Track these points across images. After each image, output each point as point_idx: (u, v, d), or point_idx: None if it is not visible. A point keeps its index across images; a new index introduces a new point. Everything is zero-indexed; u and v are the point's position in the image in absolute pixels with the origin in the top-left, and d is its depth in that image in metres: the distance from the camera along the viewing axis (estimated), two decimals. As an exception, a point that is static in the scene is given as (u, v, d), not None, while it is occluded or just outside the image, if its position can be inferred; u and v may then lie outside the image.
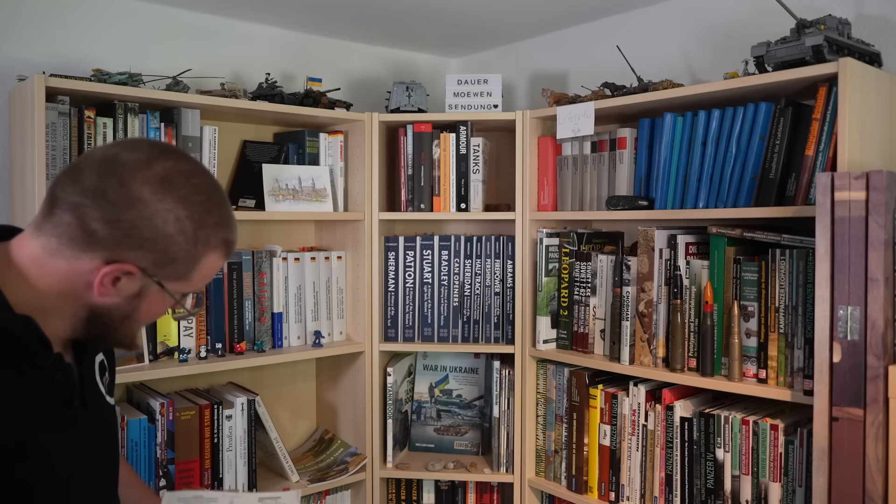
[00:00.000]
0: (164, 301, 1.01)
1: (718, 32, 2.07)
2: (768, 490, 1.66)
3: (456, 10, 2.27)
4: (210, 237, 0.97)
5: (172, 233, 0.93)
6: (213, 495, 1.16)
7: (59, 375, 0.97)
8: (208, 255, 0.99)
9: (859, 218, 1.39)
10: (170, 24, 2.22)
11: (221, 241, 1.00)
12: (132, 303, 0.98)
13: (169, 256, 0.94)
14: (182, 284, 0.99)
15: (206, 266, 1.00)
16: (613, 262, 1.99)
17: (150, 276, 0.95)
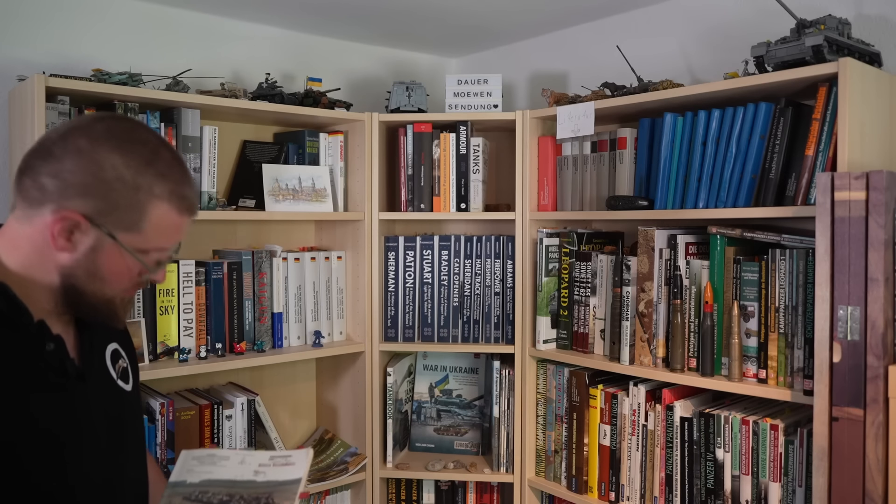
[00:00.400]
0: (123, 259, 1.02)
1: (718, 32, 2.07)
2: (768, 490, 1.66)
3: (456, 10, 2.27)
4: (153, 186, 1.00)
5: (109, 178, 0.97)
6: (225, 453, 1.19)
7: (51, 346, 1.00)
8: (154, 204, 1.00)
9: (859, 218, 1.39)
10: (170, 24, 2.22)
11: (168, 192, 1.01)
12: (91, 259, 1.00)
13: (111, 203, 0.98)
14: (134, 237, 1.01)
15: (155, 218, 1.01)
16: (613, 262, 1.99)
17: (97, 225, 0.98)
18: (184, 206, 1.05)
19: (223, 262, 2.08)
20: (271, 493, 1.11)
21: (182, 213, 1.05)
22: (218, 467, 1.17)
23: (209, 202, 2.04)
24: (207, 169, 2.03)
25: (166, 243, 1.05)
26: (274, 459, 1.16)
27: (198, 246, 2.22)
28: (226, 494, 1.12)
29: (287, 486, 1.12)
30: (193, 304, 2.01)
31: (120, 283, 1.04)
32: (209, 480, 1.15)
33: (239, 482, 1.14)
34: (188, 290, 2.00)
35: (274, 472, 1.15)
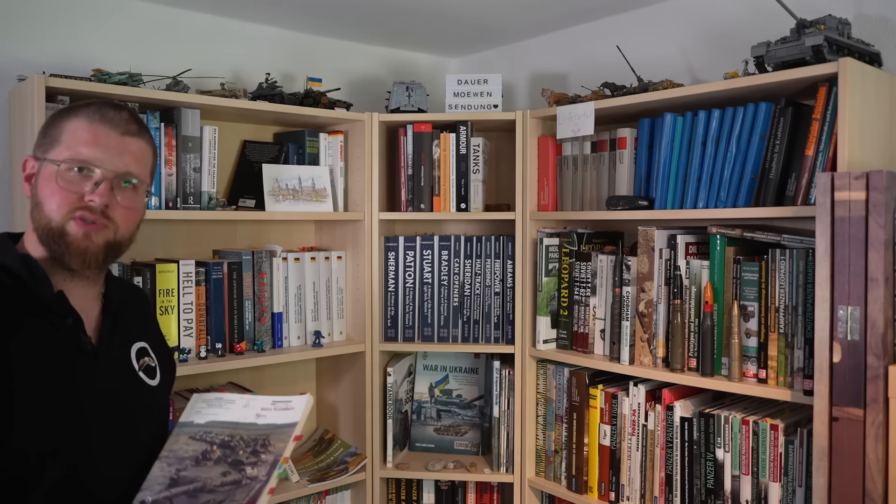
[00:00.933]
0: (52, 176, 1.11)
1: (718, 32, 2.07)
2: (768, 490, 1.66)
3: (456, 10, 2.27)
4: (71, 111, 1.14)
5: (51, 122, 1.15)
6: (231, 397, 1.26)
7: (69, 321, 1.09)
8: (69, 120, 1.13)
9: (859, 218, 1.39)
10: (170, 24, 2.22)
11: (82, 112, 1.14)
12: (35, 188, 1.13)
13: (43, 134, 1.15)
14: (55, 150, 1.12)
15: (69, 127, 1.13)
16: (613, 262, 1.99)
17: (37, 158, 1.14)
18: (96, 117, 1.14)
19: (223, 262, 2.08)
20: (268, 434, 1.17)
21: (93, 121, 1.13)
22: (223, 409, 1.24)
23: (209, 202, 2.04)
24: (207, 169, 2.03)
25: (84, 151, 1.11)
26: (275, 404, 1.22)
27: (198, 246, 2.22)
28: (227, 435, 1.19)
29: (283, 429, 1.17)
30: (193, 304, 2.01)
31: (55, 203, 1.10)
32: (214, 422, 1.22)
33: (241, 424, 1.20)
34: (188, 290, 2.00)
35: (274, 415, 1.20)
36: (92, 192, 1.10)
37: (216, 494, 1.10)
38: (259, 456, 1.15)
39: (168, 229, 2.17)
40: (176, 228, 2.18)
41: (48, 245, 1.11)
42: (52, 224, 1.10)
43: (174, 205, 1.96)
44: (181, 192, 1.98)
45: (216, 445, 1.18)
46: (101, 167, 1.11)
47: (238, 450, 1.16)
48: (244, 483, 1.11)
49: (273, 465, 1.13)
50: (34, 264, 1.08)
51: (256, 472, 1.12)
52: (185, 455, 1.18)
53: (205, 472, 1.14)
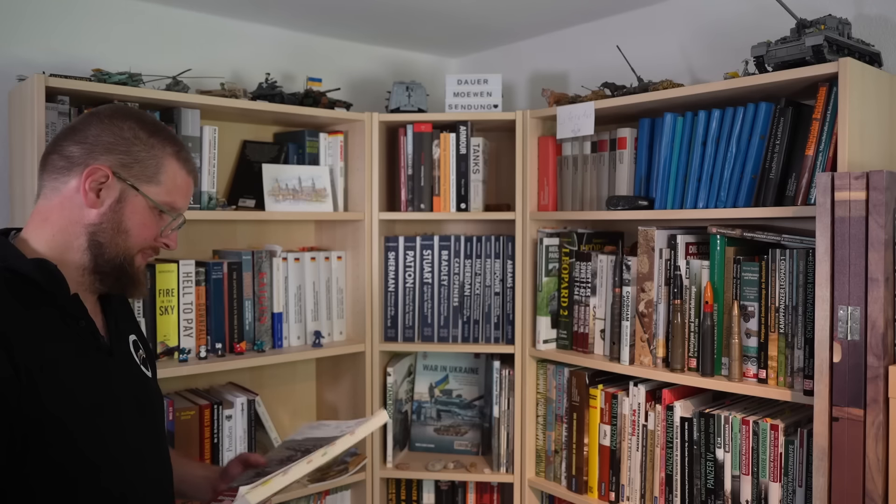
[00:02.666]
0: (145, 211, 1.14)
1: (718, 32, 2.07)
2: (768, 490, 1.66)
3: (456, 10, 2.27)
4: (165, 145, 1.16)
5: (129, 137, 1.13)
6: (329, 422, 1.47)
7: (83, 322, 1.10)
8: (168, 160, 1.16)
9: (859, 218, 1.39)
10: (170, 24, 2.22)
11: (177, 152, 1.17)
12: (117, 212, 1.12)
13: (132, 157, 1.13)
14: (154, 189, 1.14)
15: (170, 172, 1.16)
16: (613, 262, 1.99)
17: (122, 178, 1.11)
18: (189, 167, 1.20)
19: (223, 262, 2.08)
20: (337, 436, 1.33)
21: (189, 173, 1.20)
22: (320, 430, 1.42)
23: (209, 202, 2.04)
24: (207, 169, 2.03)
25: (179, 201, 1.19)
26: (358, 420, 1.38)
27: (198, 246, 2.22)
28: (311, 445, 1.33)
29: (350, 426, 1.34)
30: (193, 304, 2.01)
31: (142, 237, 1.15)
32: (308, 437, 1.41)
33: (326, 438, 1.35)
34: (188, 290, 2.00)
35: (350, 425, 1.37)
36: (169, 236, 1.20)
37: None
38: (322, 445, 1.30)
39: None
40: (176, 228, 2.18)
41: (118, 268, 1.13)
42: (131, 254, 1.14)
43: (174, 205, 1.96)
44: (181, 192, 1.98)
45: (300, 453, 1.32)
46: (183, 216, 1.21)
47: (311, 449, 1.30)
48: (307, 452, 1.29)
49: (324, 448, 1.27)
50: (52, 268, 1.08)
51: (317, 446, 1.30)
52: (277, 458, 1.36)
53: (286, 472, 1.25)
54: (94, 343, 1.11)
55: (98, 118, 1.13)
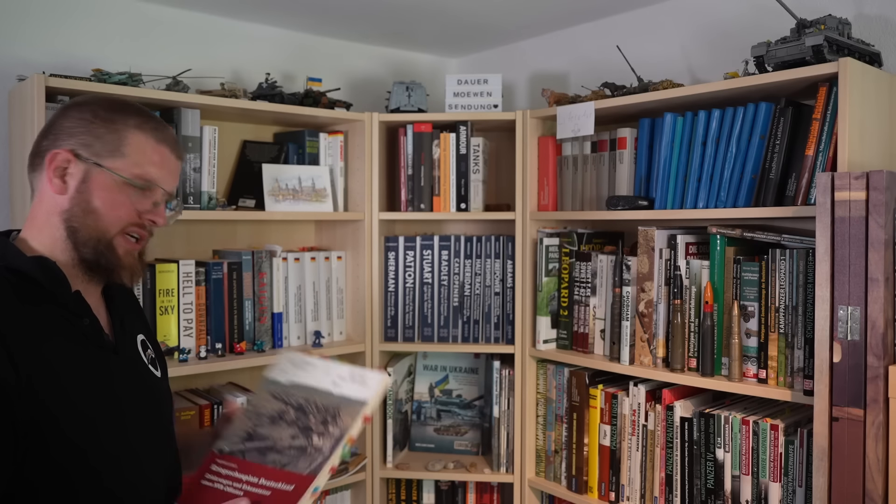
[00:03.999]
0: (114, 188, 1.10)
1: (718, 32, 2.07)
2: (768, 490, 1.66)
3: (456, 10, 2.27)
4: (127, 118, 1.12)
5: (88, 118, 1.11)
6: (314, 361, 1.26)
7: (86, 321, 1.08)
8: (131, 132, 1.12)
9: (859, 218, 1.39)
10: (170, 24, 2.22)
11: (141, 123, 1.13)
12: (83, 193, 1.09)
13: (92, 135, 1.10)
14: (119, 163, 1.10)
15: (134, 143, 1.11)
16: (613, 262, 1.99)
17: (84, 159, 1.09)
18: (159, 136, 1.14)
19: (223, 262, 2.08)
20: (340, 407, 1.16)
21: (159, 141, 1.14)
22: (305, 372, 1.25)
23: (209, 202, 2.04)
24: (207, 169, 2.03)
25: (153, 172, 1.13)
26: (353, 375, 1.20)
27: (198, 246, 2.22)
28: (304, 398, 1.19)
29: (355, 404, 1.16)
30: (193, 304, 2.01)
31: (114, 215, 1.10)
32: (295, 383, 1.23)
33: (318, 390, 1.20)
34: (188, 290, 2.00)
35: (349, 387, 1.19)
36: (152, 212, 1.14)
37: (282, 456, 1.12)
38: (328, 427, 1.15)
39: (168, 229, 2.14)
40: (176, 228, 2.18)
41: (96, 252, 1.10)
42: (107, 236, 1.10)
43: (174, 205, 1.96)
44: (181, 191, 1.98)
45: (292, 407, 1.19)
46: (164, 189, 1.15)
47: (310, 415, 1.17)
48: (308, 452, 1.12)
49: (338, 441, 1.11)
50: (52, 265, 1.06)
51: (322, 443, 1.12)
52: (263, 412, 1.20)
53: (277, 431, 1.16)
54: (97, 341, 1.10)
55: (63, 109, 1.13)
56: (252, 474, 1.12)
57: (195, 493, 1.13)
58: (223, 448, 1.16)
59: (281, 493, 1.08)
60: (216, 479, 1.13)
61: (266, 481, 1.10)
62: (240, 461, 1.14)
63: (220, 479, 1.13)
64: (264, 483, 1.10)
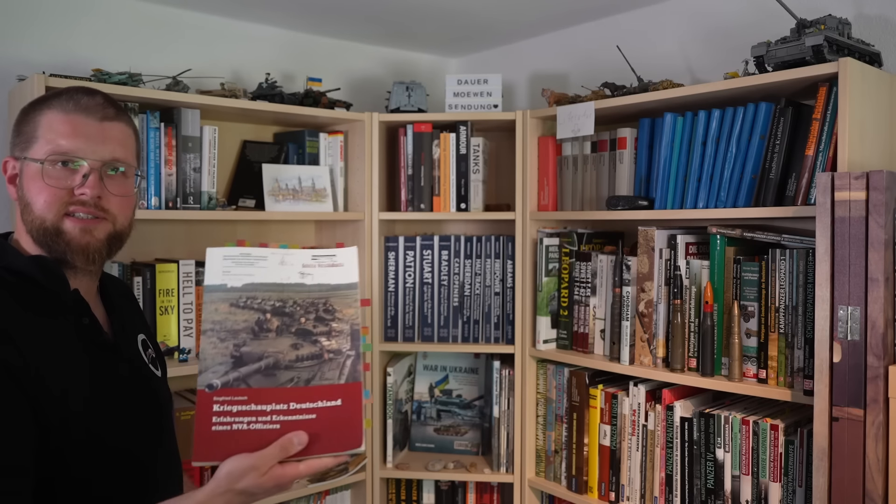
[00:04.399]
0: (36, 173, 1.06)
1: (718, 32, 2.07)
2: (768, 490, 1.66)
3: (456, 10, 2.27)
4: (43, 104, 1.10)
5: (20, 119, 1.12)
6: (261, 252, 1.06)
7: (86, 320, 1.07)
8: (42, 114, 1.09)
9: (859, 218, 1.39)
10: (170, 24, 2.22)
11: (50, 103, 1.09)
12: (21, 190, 1.09)
13: (19, 134, 1.11)
14: (35, 147, 1.07)
15: (45, 122, 1.08)
16: (613, 262, 1.99)
17: (17, 158, 1.10)
18: (71, 106, 1.08)
19: (223, 262, 2.08)
20: (327, 298, 1.02)
21: (70, 112, 1.08)
22: (257, 268, 1.05)
23: (209, 202, 2.04)
24: (207, 169, 2.03)
25: (62, 142, 1.06)
26: (318, 259, 1.05)
27: (198, 246, 2.22)
28: (277, 300, 1.02)
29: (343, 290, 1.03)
30: (193, 304, 2.01)
31: (42, 202, 1.06)
32: (252, 284, 1.03)
33: (287, 285, 1.03)
34: (188, 290, 2.00)
35: (322, 273, 1.04)
36: (81, 185, 1.06)
37: (297, 371, 0.97)
38: (328, 325, 1.00)
39: (168, 229, 2.17)
40: (176, 228, 2.18)
41: (46, 246, 1.06)
42: (47, 224, 1.05)
43: (174, 205, 1.96)
44: (181, 192, 1.98)
45: (269, 313, 1.01)
46: (85, 158, 1.06)
47: (298, 317, 1.00)
48: (327, 357, 0.98)
49: (354, 335, 1.00)
50: (51, 264, 1.05)
51: (336, 343, 0.98)
52: (236, 327, 1.00)
53: (270, 345, 0.99)
54: (97, 340, 1.08)
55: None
56: (275, 402, 0.96)
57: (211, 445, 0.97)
58: (213, 383, 0.97)
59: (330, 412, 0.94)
60: (231, 420, 0.96)
61: (299, 404, 0.95)
62: (247, 391, 0.97)
63: (234, 417, 0.96)
64: (299, 407, 0.95)
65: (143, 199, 1.90)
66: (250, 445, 0.95)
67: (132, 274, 1.92)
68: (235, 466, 0.96)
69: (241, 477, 0.95)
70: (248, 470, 0.95)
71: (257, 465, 0.94)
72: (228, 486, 0.96)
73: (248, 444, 0.95)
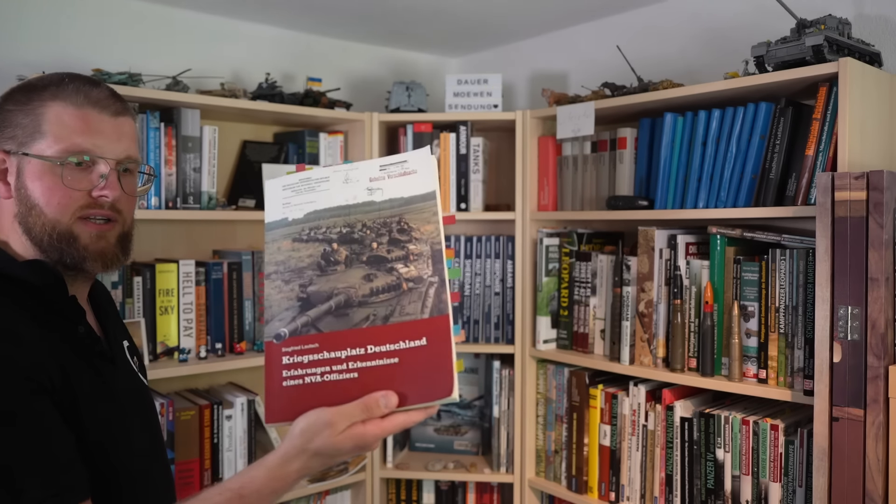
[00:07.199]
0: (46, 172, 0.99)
1: (718, 32, 2.07)
2: (768, 490, 1.66)
3: (456, 10, 2.27)
4: (42, 92, 1.00)
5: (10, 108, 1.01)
6: (323, 173, 0.94)
7: (82, 329, 1.01)
8: (46, 106, 1.00)
9: (859, 218, 1.39)
10: (170, 24, 2.22)
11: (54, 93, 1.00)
12: (22, 189, 0.99)
13: (13, 125, 1.00)
14: (43, 144, 0.98)
15: (52, 115, 0.99)
16: (613, 262, 1.99)
17: (12, 153, 1.00)
18: (80, 99, 1.01)
19: (223, 262, 2.08)
20: (401, 214, 0.88)
21: (81, 105, 1.00)
22: (319, 193, 0.93)
23: (209, 202, 2.04)
24: (207, 169, 2.03)
25: (79, 140, 0.99)
26: (387, 169, 0.91)
27: (198, 246, 2.22)
28: (344, 225, 0.90)
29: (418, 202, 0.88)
30: (193, 304, 2.01)
31: (55, 203, 0.99)
32: (315, 212, 0.92)
33: (354, 206, 0.91)
34: (188, 290, 2.00)
35: (393, 186, 0.90)
36: (101, 186, 0.99)
37: (373, 307, 0.85)
38: (405, 247, 0.86)
39: (168, 229, 2.17)
40: (176, 228, 2.18)
41: (58, 251, 0.99)
42: (60, 227, 0.99)
43: (174, 205, 1.96)
44: (181, 191, 1.98)
45: (335, 242, 0.89)
46: (103, 157, 1.00)
47: (368, 242, 0.88)
48: (406, 288, 0.85)
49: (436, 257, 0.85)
50: (48, 268, 0.98)
51: (416, 270, 0.85)
52: (301, 265, 0.89)
53: (339, 279, 0.87)
54: (95, 350, 1.02)
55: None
56: (350, 346, 0.85)
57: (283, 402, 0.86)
58: (281, 332, 0.87)
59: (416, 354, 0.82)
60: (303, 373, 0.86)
61: (378, 347, 0.84)
62: (318, 336, 0.86)
63: (306, 369, 0.86)
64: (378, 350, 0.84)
65: (143, 199, 1.90)
66: (328, 399, 0.84)
67: (132, 274, 1.92)
68: (311, 422, 0.85)
69: (316, 434, 0.85)
70: (323, 427, 0.84)
71: (334, 422, 0.84)
72: (303, 446, 0.86)
73: (325, 398, 0.84)
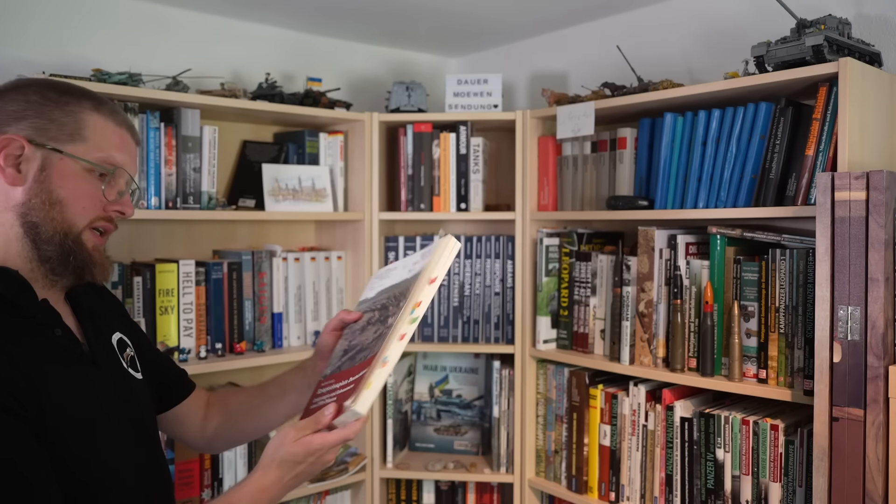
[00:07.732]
0: (79, 176, 1.00)
1: (718, 32, 2.07)
2: (768, 490, 1.66)
3: (456, 10, 2.27)
4: (81, 100, 1.02)
5: (37, 100, 0.99)
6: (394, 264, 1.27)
7: (58, 331, 0.99)
8: (87, 114, 1.02)
9: (859, 218, 1.39)
10: (170, 24, 2.22)
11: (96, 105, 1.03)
12: (44, 183, 0.98)
13: (46, 118, 0.99)
14: (81, 147, 1.00)
15: (93, 125, 1.01)
16: (613, 262, 1.99)
17: (40, 144, 0.98)
18: (117, 119, 1.06)
19: (223, 262, 2.08)
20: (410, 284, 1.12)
21: (118, 125, 1.05)
22: (388, 279, 1.24)
23: (209, 202, 2.04)
24: (207, 169, 2.03)
25: (117, 156, 1.03)
26: (423, 252, 1.18)
27: (198, 246, 2.22)
28: (386, 297, 1.18)
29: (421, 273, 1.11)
30: (193, 304, 2.01)
31: (81, 206, 1.00)
32: (381, 290, 1.23)
33: (398, 284, 1.18)
34: (188, 290, 2.00)
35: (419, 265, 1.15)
36: (120, 202, 1.05)
37: (368, 350, 1.10)
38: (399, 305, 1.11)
39: (168, 229, 2.17)
40: (176, 228, 2.18)
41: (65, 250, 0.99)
42: (75, 230, 0.99)
43: (174, 205, 1.96)
44: (181, 192, 1.98)
45: (377, 311, 1.17)
46: (130, 174, 1.06)
47: (390, 307, 1.14)
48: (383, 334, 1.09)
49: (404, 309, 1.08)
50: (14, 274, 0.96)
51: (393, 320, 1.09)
52: (357, 327, 1.20)
53: (365, 335, 1.15)
54: (74, 353, 1.01)
55: (2, 94, 1.01)
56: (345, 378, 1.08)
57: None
58: (325, 372, 1.18)
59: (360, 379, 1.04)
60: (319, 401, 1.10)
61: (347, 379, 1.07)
62: (336, 374, 1.12)
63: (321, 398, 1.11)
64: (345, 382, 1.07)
65: (143, 199, 1.90)
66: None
67: (132, 274, 1.92)
68: (279, 435, 1.02)
69: (280, 445, 1.01)
70: (283, 437, 1.01)
71: (289, 433, 1.01)
72: (272, 455, 1.02)
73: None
